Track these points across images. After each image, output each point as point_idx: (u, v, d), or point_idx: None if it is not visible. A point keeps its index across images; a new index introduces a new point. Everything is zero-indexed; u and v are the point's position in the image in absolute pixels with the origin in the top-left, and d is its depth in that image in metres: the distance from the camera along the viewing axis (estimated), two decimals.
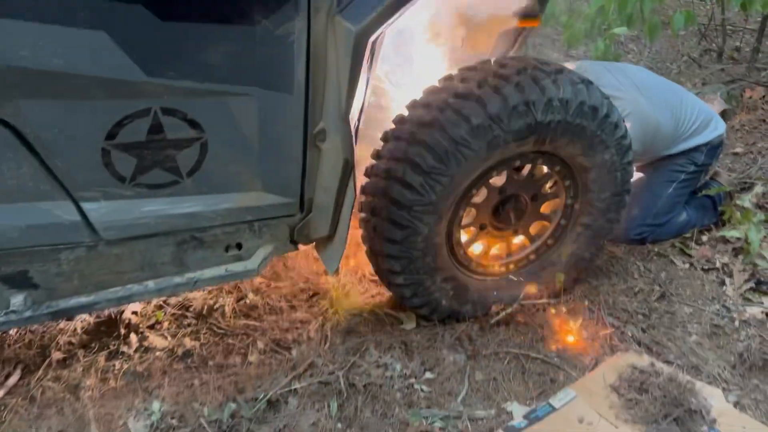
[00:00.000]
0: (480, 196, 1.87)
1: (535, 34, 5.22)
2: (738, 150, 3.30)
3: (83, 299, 1.56)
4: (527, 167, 1.88)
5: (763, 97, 3.81)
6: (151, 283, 1.62)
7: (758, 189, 2.66)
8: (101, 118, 1.36)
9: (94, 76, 1.30)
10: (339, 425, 1.62)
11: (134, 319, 1.97)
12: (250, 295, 2.10)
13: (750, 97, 3.83)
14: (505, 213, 1.93)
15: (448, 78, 1.79)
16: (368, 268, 2.21)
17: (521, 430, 1.63)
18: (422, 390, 1.76)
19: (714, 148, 2.56)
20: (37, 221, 1.44)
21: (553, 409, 1.71)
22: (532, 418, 1.67)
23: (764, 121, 3.60)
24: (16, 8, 1.18)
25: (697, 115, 2.46)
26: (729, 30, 4.97)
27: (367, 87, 1.61)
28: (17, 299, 1.50)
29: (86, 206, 1.46)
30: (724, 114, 3.52)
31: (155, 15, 1.29)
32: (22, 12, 1.18)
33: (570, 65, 2.42)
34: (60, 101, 1.31)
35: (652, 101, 2.34)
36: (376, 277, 2.15)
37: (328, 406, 1.68)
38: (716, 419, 1.67)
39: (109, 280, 1.59)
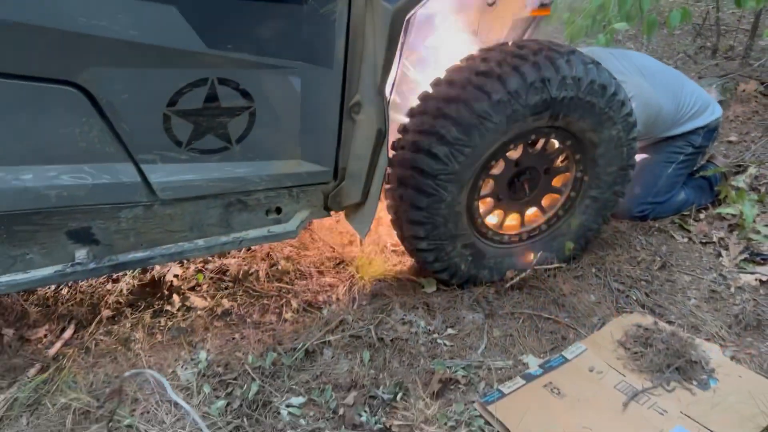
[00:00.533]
0: (498, 168, 2.03)
1: (539, 31, 5.40)
2: (732, 138, 3.47)
3: (139, 254, 1.72)
4: (541, 142, 2.04)
5: (756, 90, 3.99)
6: (200, 242, 1.77)
7: (752, 170, 2.83)
8: (165, 86, 1.51)
9: (163, 46, 1.44)
10: (372, 372, 1.78)
11: (176, 282, 2.12)
12: (282, 262, 2.25)
13: (744, 90, 4.01)
14: (520, 185, 2.08)
15: (470, 58, 1.95)
16: (390, 240, 2.37)
17: (538, 377, 1.79)
18: (445, 344, 1.92)
19: (711, 131, 2.74)
20: (102, 181, 1.58)
21: (566, 360, 1.87)
22: (547, 368, 1.83)
23: (757, 112, 3.78)
24: None
25: (696, 99, 2.63)
26: (723, 30, 5.15)
27: (399, 62, 1.77)
28: (81, 253, 1.64)
29: (146, 168, 1.61)
30: (720, 104, 3.69)
31: None
32: None
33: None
34: (131, 69, 1.46)
35: (655, 85, 2.51)
36: (397, 248, 2.31)
37: (361, 356, 1.83)
38: (714, 369, 1.83)
39: (161, 238, 1.74)
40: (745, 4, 3.49)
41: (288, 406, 1.66)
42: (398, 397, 1.69)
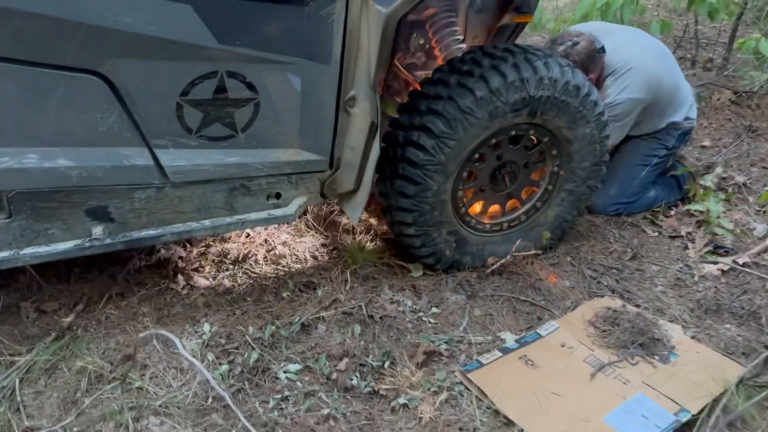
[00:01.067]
0: (481, 161, 2.20)
1: (522, 39, 5.60)
2: (705, 144, 3.67)
3: (151, 232, 1.87)
4: (521, 137, 2.21)
5: (730, 99, 4.20)
6: (207, 222, 1.93)
7: (718, 171, 3.03)
8: (179, 77, 1.68)
9: (179, 41, 1.61)
10: (361, 343, 1.94)
11: (180, 264, 2.27)
12: (279, 247, 2.41)
13: (718, 99, 4.22)
14: (501, 177, 2.26)
15: (456, 59, 2.13)
16: (380, 229, 2.54)
17: (514, 351, 1.96)
18: (430, 321, 2.08)
19: (684, 134, 2.94)
20: (119, 164, 1.74)
21: (540, 336, 2.04)
22: (522, 342, 2.00)
23: (730, 120, 3.98)
24: None
25: (687, 89, 2.86)
26: (704, 42, 5.39)
27: (392, 60, 1.94)
28: (97, 229, 1.80)
29: (159, 152, 1.77)
30: None
31: None
32: None
33: (586, 26, 2.82)
34: (149, 61, 1.62)
35: (658, 59, 2.80)
36: (388, 236, 2.47)
37: (352, 330, 1.99)
38: (675, 346, 2.01)
39: (171, 218, 1.90)
40: (716, 16, 3.70)
41: (285, 372, 1.82)
42: (386, 365, 1.86)
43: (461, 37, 2.42)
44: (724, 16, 3.80)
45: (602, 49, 2.71)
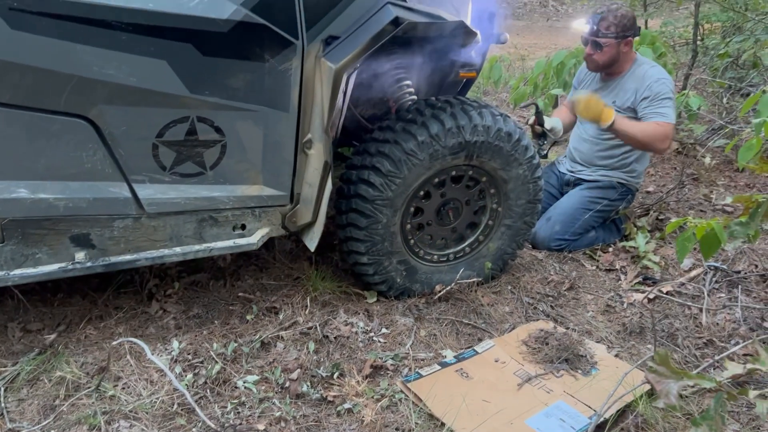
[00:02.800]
0: (427, 198, 2.47)
1: (488, 96, 6.00)
2: (650, 189, 3.99)
3: (128, 257, 2.11)
4: (462, 177, 2.49)
5: (676, 150, 4.55)
6: (178, 249, 2.17)
7: (653, 214, 3.34)
8: (155, 121, 1.95)
9: (156, 90, 1.89)
10: (315, 358, 2.16)
11: (154, 290, 2.49)
12: (246, 277, 2.64)
13: None
14: (445, 213, 2.53)
15: (402, 108, 2.42)
16: (340, 262, 2.78)
17: (451, 365, 2.18)
18: (379, 341, 2.31)
19: (627, 192, 3.28)
20: (101, 196, 1.99)
21: (477, 353, 2.27)
22: (460, 358, 2.23)
23: (675, 168, 4.32)
24: (111, 42, 1.78)
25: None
26: None
27: (343, 108, 2.23)
28: (80, 254, 2.03)
29: (136, 187, 2.02)
30: None
31: (199, 51, 1.90)
32: (113, 44, 1.78)
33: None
34: (129, 107, 1.89)
35: None
36: (346, 267, 2.72)
37: (307, 347, 2.21)
38: (597, 362, 2.24)
39: (146, 245, 2.14)
40: None
41: (244, 382, 2.03)
42: (335, 376, 2.08)
43: (413, 90, 2.72)
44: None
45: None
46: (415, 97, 2.71)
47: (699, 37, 5.87)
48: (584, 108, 2.96)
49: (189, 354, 2.16)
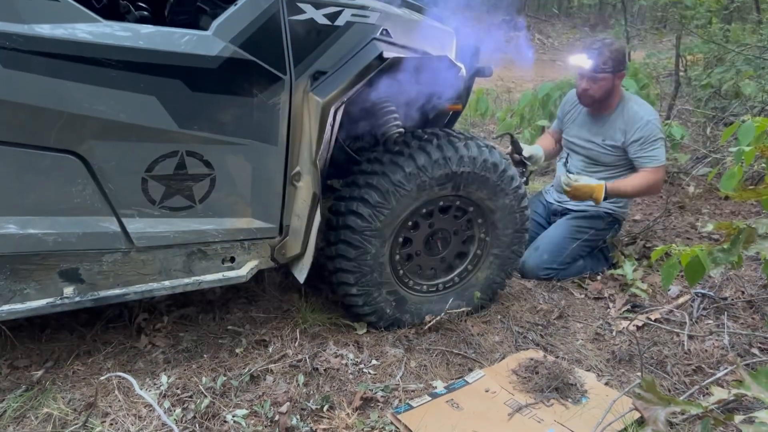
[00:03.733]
0: (415, 228, 2.49)
1: (475, 128, 6.08)
2: (637, 218, 4.03)
3: (117, 291, 2.10)
4: (449, 207, 2.52)
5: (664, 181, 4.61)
6: (167, 282, 2.17)
7: (640, 243, 3.37)
8: (145, 156, 1.97)
9: (145, 125, 1.92)
10: (305, 391, 2.15)
11: (143, 324, 2.48)
12: (235, 310, 2.64)
13: None
14: (434, 243, 2.55)
15: (389, 141, 2.46)
16: (330, 293, 2.79)
17: (442, 396, 2.18)
18: (369, 372, 2.30)
19: (615, 222, 3.31)
20: (90, 230, 2.00)
21: (467, 383, 2.26)
22: (450, 388, 2.22)
23: (660, 197, 4.37)
24: (102, 78, 1.81)
25: None
26: None
27: (330, 141, 2.26)
28: (69, 289, 2.03)
29: (126, 221, 2.04)
30: None
31: (189, 87, 1.93)
32: (104, 81, 1.81)
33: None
34: (119, 142, 1.92)
35: None
36: (336, 299, 2.72)
37: (297, 380, 2.21)
38: (588, 390, 2.24)
39: (135, 279, 2.14)
40: None
41: (234, 416, 2.02)
42: (325, 408, 2.07)
43: (400, 123, 2.76)
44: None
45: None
46: (402, 129, 2.75)
47: (681, 69, 6.01)
48: (574, 196, 3.12)
49: (178, 388, 2.15)
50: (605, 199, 3.06)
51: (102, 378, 2.02)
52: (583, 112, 3.37)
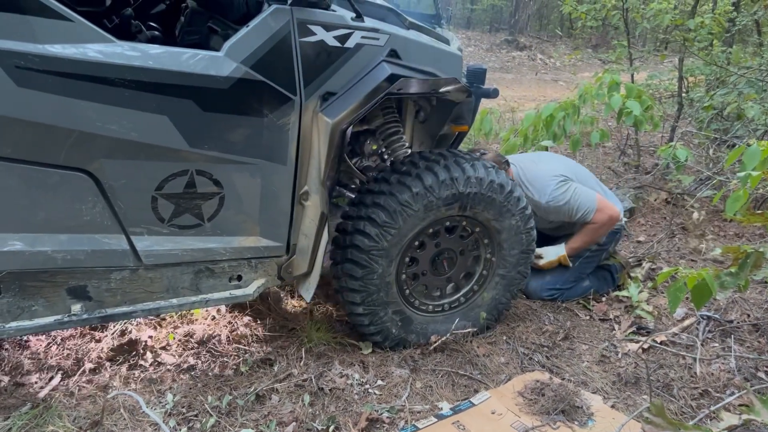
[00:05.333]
0: (421, 248, 2.50)
1: (479, 147, 6.10)
2: (641, 239, 4.04)
3: (124, 309, 2.11)
4: (456, 227, 2.53)
5: (666, 200, 4.62)
6: (174, 300, 2.18)
7: (646, 265, 3.37)
8: (155, 174, 1.98)
9: (156, 144, 1.93)
10: (310, 411, 2.14)
11: (149, 342, 2.48)
12: (241, 328, 2.64)
13: (655, 200, 4.64)
14: (440, 263, 2.55)
15: (397, 161, 2.47)
16: (335, 312, 2.79)
17: (448, 417, 2.17)
18: (375, 393, 2.29)
19: (614, 233, 3.29)
20: (99, 248, 2.01)
21: (473, 404, 2.25)
22: (456, 410, 2.21)
23: (665, 218, 4.38)
24: (114, 98, 1.83)
25: (611, 194, 3.25)
26: (652, 149, 5.91)
27: (339, 161, 2.28)
28: (76, 306, 2.03)
29: (134, 239, 2.04)
30: (631, 211, 4.29)
31: (200, 107, 1.95)
32: (116, 100, 1.83)
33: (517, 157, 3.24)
34: (130, 161, 1.93)
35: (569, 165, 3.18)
36: (342, 319, 2.72)
37: (302, 400, 2.20)
38: (594, 413, 2.23)
39: (142, 296, 2.14)
40: (641, 126, 4.17)
41: None
42: (331, 429, 2.06)
43: (407, 143, 2.78)
44: (647, 126, 4.29)
45: (507, 162, 3.12)
46: (409, 150, 2.77)
47: (684, 90, 6.05)
48: (546, 268, 3.17)
49: (183, 407, 2.14)
50: (572, 257, 3.14)
51: (108, 396, 2.01)
52: None
